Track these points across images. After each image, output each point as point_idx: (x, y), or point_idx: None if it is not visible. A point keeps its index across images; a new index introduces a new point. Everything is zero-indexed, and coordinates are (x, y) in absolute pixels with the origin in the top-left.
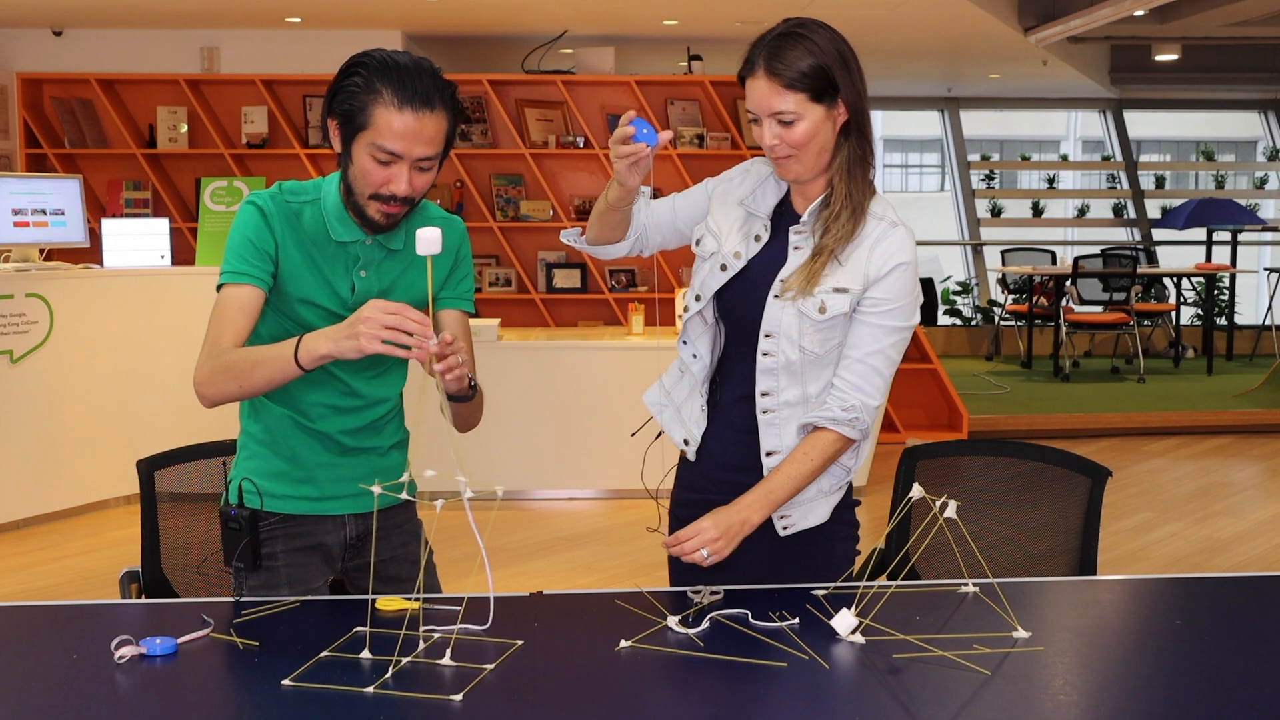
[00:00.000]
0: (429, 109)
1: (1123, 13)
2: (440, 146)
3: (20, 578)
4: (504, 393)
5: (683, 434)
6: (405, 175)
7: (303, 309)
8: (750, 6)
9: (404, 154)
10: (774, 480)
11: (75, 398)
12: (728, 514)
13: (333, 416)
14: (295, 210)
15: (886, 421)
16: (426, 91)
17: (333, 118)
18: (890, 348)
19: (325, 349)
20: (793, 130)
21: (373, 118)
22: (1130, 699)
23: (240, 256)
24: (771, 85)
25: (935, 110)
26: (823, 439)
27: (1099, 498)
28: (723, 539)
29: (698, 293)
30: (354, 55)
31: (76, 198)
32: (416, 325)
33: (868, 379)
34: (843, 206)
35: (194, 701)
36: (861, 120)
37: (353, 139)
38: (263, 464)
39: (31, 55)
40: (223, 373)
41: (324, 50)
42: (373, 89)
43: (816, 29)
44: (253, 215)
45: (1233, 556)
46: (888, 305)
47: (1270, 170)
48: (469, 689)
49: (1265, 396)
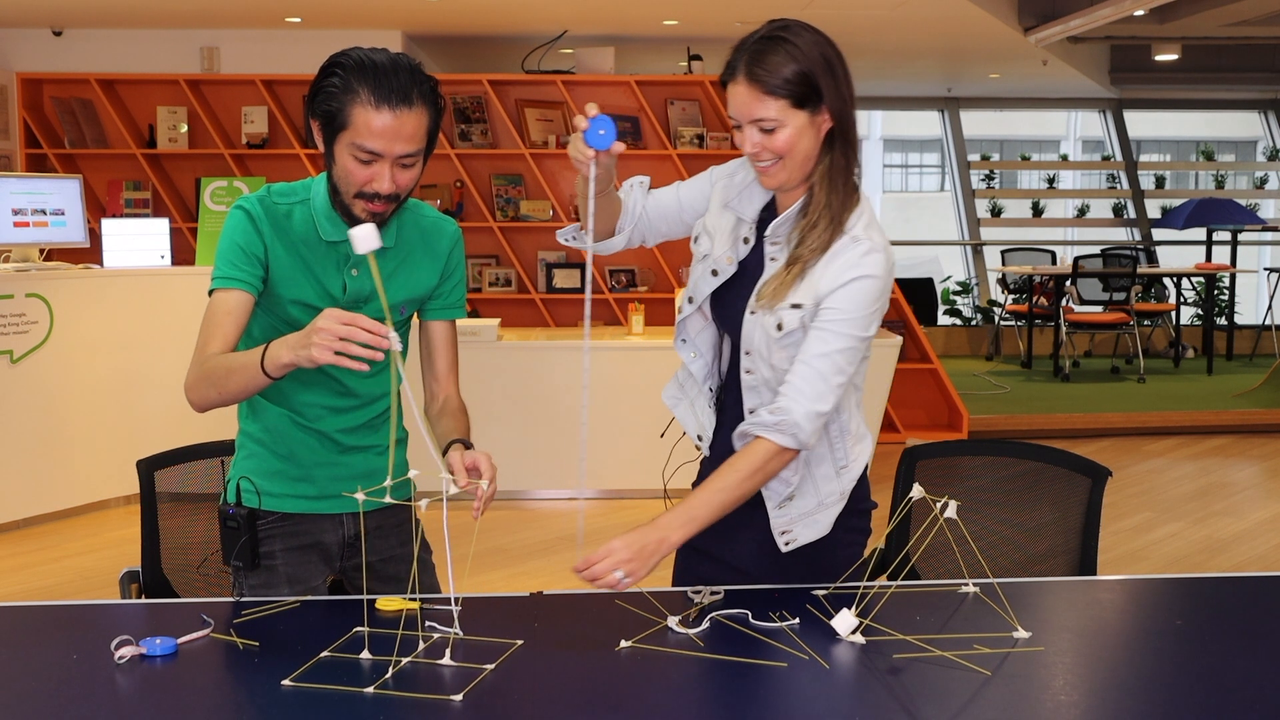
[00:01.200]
0: (407, 106)
1: (1123, 13)
2: (421, 143)
3: (20, 578)
4: (504, 393)
5: (696, 429)
6: (388, 173)
7: (295, 310)
8: (750, 6)
9: (384, 152)
10: (697, 498)
11: (75, 398)
12: (644, 533)
13: (329, 416)
14: (285, 212)
15: (887, 421)
16: (404, 88)
17: (314, 118)
18: (839, 354)
19: (286, 358)
20: (774, 138)
21: (351, 117)
22: (1130, 699)
23: (229, 262)
24: (752, 91)
25: (935, 110)
26: (754, 450)
27: (1099, 498)
28: (636, 559)
29: (690, 295)
30: (332, 55)
31: (76, 198)
32: (369, 335)
33: (810, 382)
34: (820, 215)
35: (194, 701)
36: (846, 127)
37: (334, 139)
38: (261, 463)
39: (31, 55)
40: (204, 380)
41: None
42: (350, 89)
43: (801, 32)
44: (241, 220)
45: (1233, 556)
46: (840, 315)
47: (1270, 170)
48: (469, 689)
49: (1265, 396)
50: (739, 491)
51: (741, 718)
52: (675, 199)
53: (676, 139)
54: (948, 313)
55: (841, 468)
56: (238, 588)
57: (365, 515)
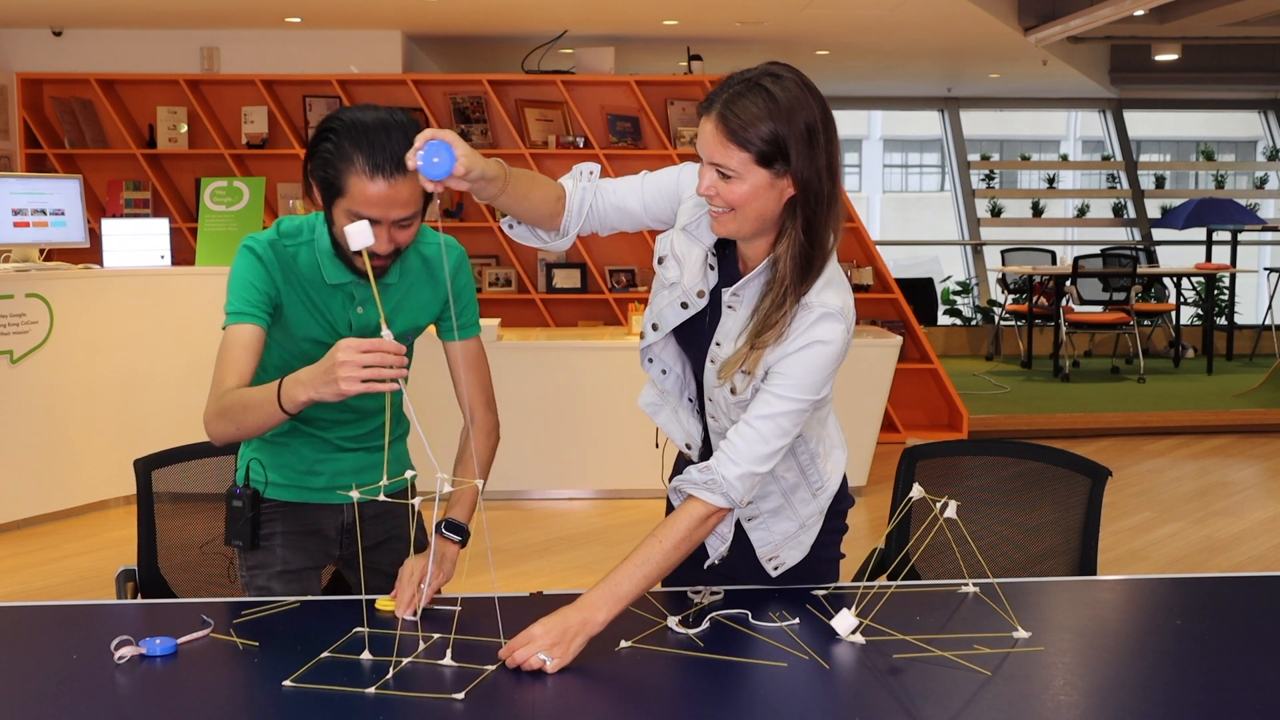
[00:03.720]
0: (402, 173)
1: (1123, 13)
2: (417, 205)
3: (20, 578)
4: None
5: (683, 438)
6: (385, 235)
7: (306, 344)
8: (750, 6)
9: (381, 218)
10: (621, 572)
11: (75, 398)
12: (565, 616)
13: (334, 427)
14: (291, 254)
15: (887, 421)
16: (397, 155)
17: (313, 180)
18: (783, 417)
19: (304, 396)
20: (730, 186)
21: (348, 186)
22: (1130, 699)
23: (241, 297)
24: (718, 134)
25: (935, 110)
26: (685, 514)
27: (1099, 498)
28: (558, 645)
29: (655, 322)
30: (325, 118)
31: (76, 198)
32: (394, 356)
33: (750, 444)
34: (787, 293)
35: (194, 702)
36: (813, 199)
37: (332, 204)
38: (265, 457)
39: (31, 55)
40: (222, 415)
41: (324, 50)
42: (345, 156)
43: (791, 87)
44: (251, 261)
45: (1233, 556)
46: (789, 381)
47: (1270, 170)
48: (470, 688)
49: (1265, 396)
50: (667, 563)
51: (741, 718)
52: (640, 203)
53: (676, 139)
54: (948, 313)
55: (817, 489)
56: (241, 566)
57: (362, 504)
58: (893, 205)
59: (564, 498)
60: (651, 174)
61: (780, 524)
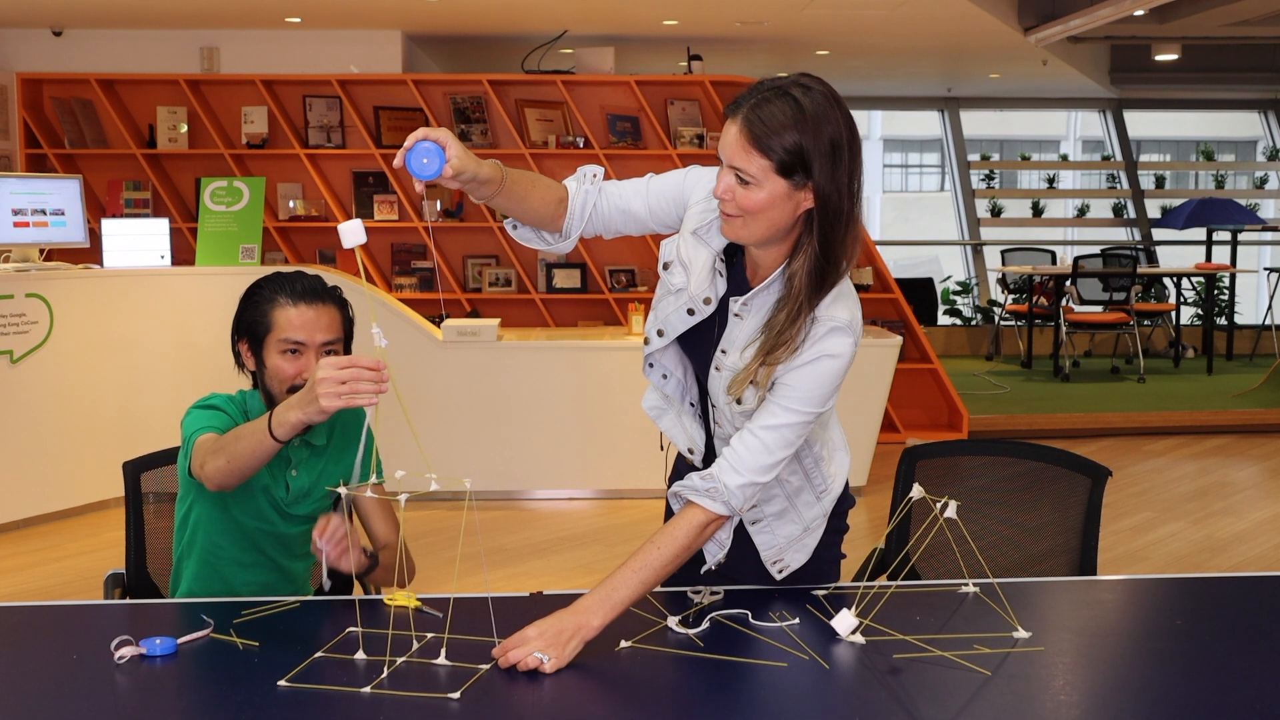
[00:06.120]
0: (320, 301)
1: (1123, 13)
2: (339, 333)
3: (19, 578)
4: (504, 393)
5: (686, 443)
6: (314, 362)
7: (247, 519)
8: (750, 6)
9: (308, 341)
10: (619, 577)
11: (75, 398)
12: (560, 619)
13: (261, 590)
14: (232, 420)
15: (886, 421)
16: (314, 287)
17: (241, 340)
18: (788, 428)
19: (294, 417)
20: (746, 192)
21: (274, 319)
22: (1130, 699)
23: (205, 420)
24: (741, 139)
25: (935, 110)
26: (685, 521)
27: (1099, 498)
28: (552, 646)
29: (661, 328)
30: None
31: (76, 198)
32: (370, 372)
33: (753, 453)
34: (800, 310)
35: (194, 701)
36: (830, 213)
37: (262, 346)
38: (204, 586)
39: (31, 55)
40: (211, 453)
41: (324, 50)
42: (267, 298)
43: (820, 99)
44: (210, 409)
45: (1233, 556)
46: (795, 393)
47: (1270, 170)
48: (466, 687)
49: (1265, 396)
50: (665, 569)
51: (741, 718)
52: (644, 206)
53: (676, 139)
54: (948, 313)
55: (821, 492)
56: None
57: None
58: (893, 205)
59: (564, 498)
60: (657, 177)
61: (784, 527)
